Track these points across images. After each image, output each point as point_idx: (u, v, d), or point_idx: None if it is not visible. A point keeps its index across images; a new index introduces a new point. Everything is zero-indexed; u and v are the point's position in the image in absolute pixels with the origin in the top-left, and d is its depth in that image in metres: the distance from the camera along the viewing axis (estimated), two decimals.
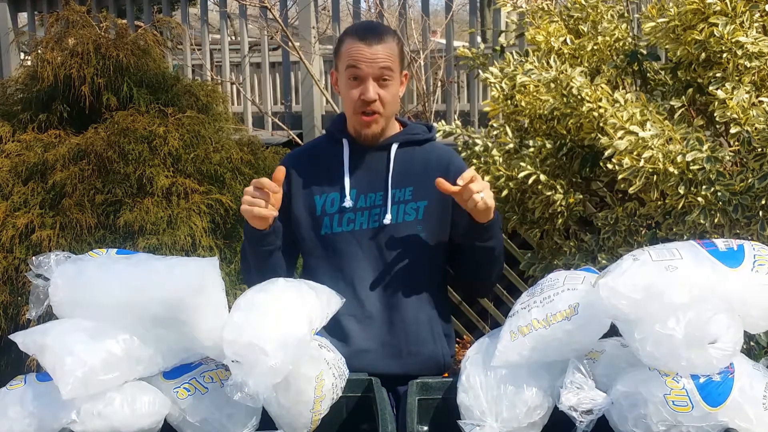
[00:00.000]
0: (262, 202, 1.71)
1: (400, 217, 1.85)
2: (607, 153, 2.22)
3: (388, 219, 1.84)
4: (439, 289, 1.98)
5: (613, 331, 1.50)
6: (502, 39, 3.57)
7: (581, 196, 2.55)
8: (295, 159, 1.95)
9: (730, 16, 2.28)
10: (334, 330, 1.84)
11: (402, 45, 1.87)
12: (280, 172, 1.75)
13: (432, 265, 1.93)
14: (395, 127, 1.93)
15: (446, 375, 1.90)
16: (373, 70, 1.78)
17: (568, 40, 2.68)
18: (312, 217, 1.88)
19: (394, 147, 1.88)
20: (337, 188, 1.87)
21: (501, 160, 2.65)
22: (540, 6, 2.84)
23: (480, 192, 1.71)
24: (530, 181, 2.48)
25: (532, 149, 2.59)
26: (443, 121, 2.99)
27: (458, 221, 1.88)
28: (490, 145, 2.73)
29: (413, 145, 1.91)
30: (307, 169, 1.91)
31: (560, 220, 2.55)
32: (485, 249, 1.87)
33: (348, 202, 1.85)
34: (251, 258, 1.87)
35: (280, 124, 4.40)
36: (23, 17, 5.46)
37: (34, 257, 1.56)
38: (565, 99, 2.40)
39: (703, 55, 2.33)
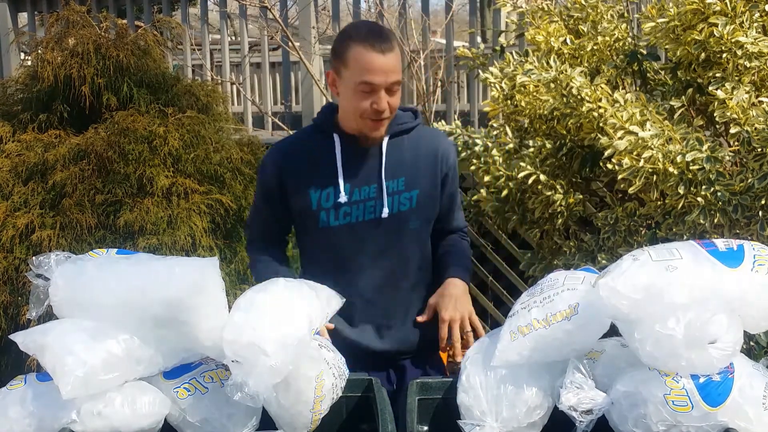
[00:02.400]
0: None
1: (395, 207, 1.90)
2: (607, 153, 2.22)
3: (386, 212, 1.89)
4: (429, 269, 2.06)
5: (613, 331, 1.50)
6: (502, 39, 3.57)
7: (581, 196, 2.55)
8: (284, 153, 1.95)
9: (729, 16, 2.28)
10: (343, 312, 1.88)
11: (401, 46, 1.88)
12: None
13: (425, 249, 2.01)
14: None
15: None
16: (387, 83, 1.78)
17: (568, 40, 2.68)
18: (308, 211, 1.90)
19: (385, 140, 1.90)
20: (331, 183, 1.89)
21: (501, 160, 2.66)
22: (540, 6, 2.84)
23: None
24: (530, 181, 2.49)
25: (532, 149, 2.59)
26: (443, 121, 3.00)
27: (441, 207, 1.99)
28: (490, 145, 2.73)
29: (402, 134, 1.94)
30: (299, 164, 1.92)
31: (560, 220, 2.55)
32: None
33: (343, 198, 1.87)
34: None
35: (280, 124, 4.40)
36: (23, 17, 5.46)
37: (34, 257, 1.56)
38: (565, 99, 2.40)
39: (703, 55, 2.33)
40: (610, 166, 2.28)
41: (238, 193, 2.98)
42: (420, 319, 1.93)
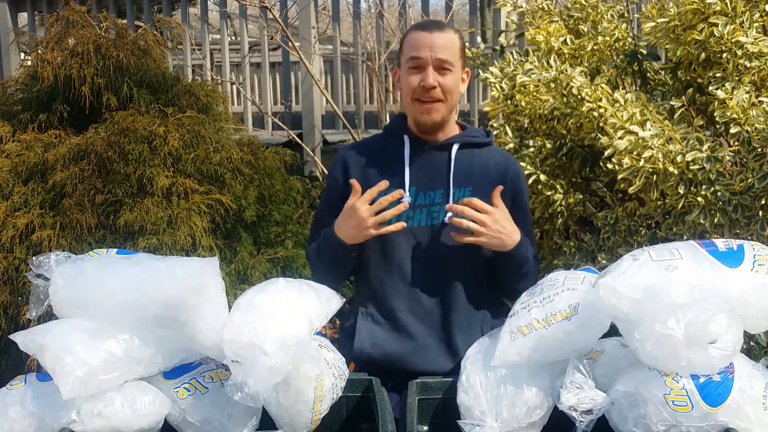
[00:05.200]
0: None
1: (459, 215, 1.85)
2: (607, 153, 2.22)
3: (448, 217, 1.83)
4: (491, 287, 1.99)
5: (613, 331, 1.51)
6: (502, 39, 3.57)
7: (581, 196, 2.55)
8: (354, 152, 1.96)
9: (730, 16, 2.28)
10: (392, 325, 1.87)
11: (464, 43, 1.87)
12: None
13: (486, 264, 1.94)
14: (455, 129, 1.95)
15: None
16: (433, 58, 1.79)
17: (568, 40, 2.68)
18: None
19: (455, 147, 1.89)
20: (396, 184, 1.85)
21: None
22: (540, 6, 2.84)
23: (477, 227, 1.77)
24: (530, 181, 2.48)
25: (532, 149, 2.59)
26: None
27: None
28: None
29: (472, 147, 1.92)
30: (367, 163, 1.91)
31: (560, 220, 2.55)
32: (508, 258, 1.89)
33: (407, 199, 1.84)
34: (333, 266, 1.90)
35: (280, 124, 4.40)
36: (23, 17, 5.46)
37: (34, 257, 1.56)
38: (565, 99, 2.40)
39: (703, 55, 2.34)
40: (610, 165, 2.28)
41: (238, 193, 2.97)
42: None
